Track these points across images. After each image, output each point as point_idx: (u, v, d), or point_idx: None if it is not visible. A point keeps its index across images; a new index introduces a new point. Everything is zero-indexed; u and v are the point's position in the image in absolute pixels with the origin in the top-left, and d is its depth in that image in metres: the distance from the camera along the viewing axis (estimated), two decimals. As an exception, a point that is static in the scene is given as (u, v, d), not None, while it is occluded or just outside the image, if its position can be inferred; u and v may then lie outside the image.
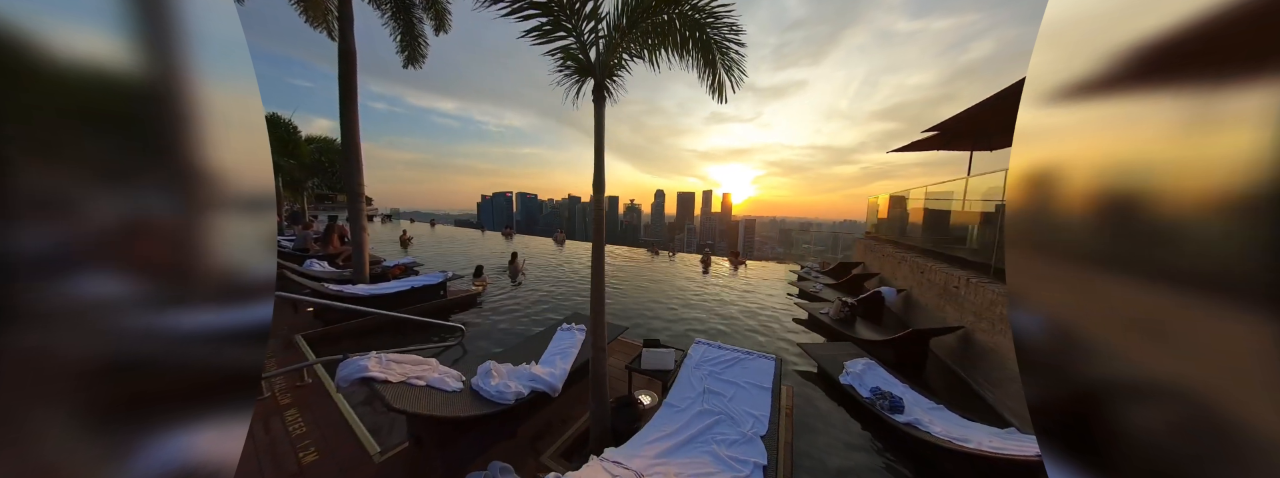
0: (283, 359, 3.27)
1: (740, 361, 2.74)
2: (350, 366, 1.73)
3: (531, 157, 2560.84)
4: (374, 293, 4.40)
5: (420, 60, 6.88)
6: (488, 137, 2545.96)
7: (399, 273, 6.00)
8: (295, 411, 2.44)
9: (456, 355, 3.81)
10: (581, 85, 2.21)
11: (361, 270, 5.27)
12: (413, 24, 6.35)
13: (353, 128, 5.46)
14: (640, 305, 6.22)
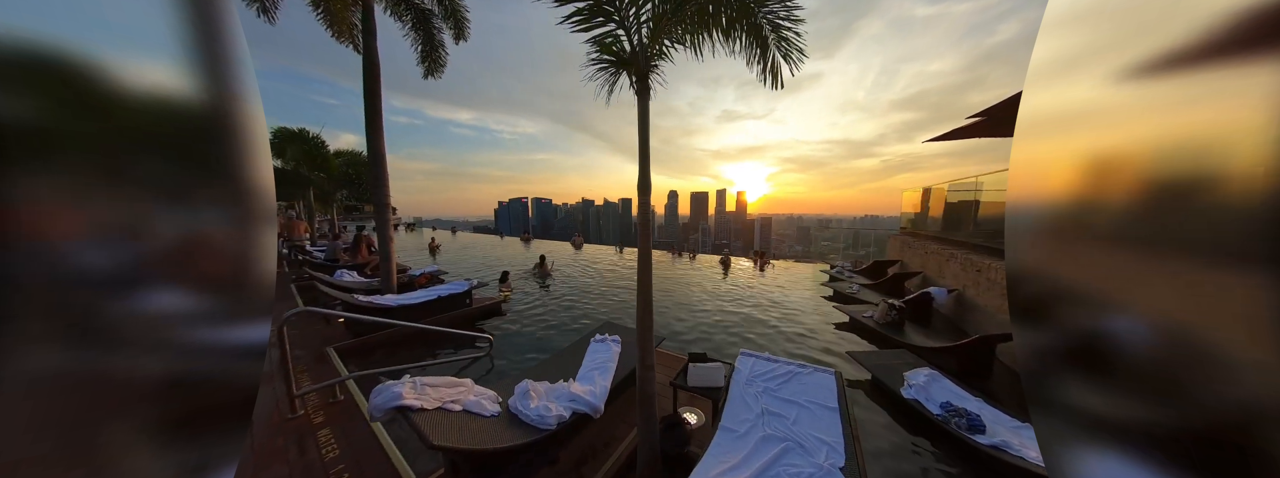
0: (315, 373, 3.24)
1: (795, 375, 2.48)
2: (384, 393, 1.61)
3: (545, 162, 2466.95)
4: (402, 303, 4.38)
5: (440, 70, 6.95)
6: (503, 145, 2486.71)
7: (424, 282, 6.02)
8: (328, 431, 2.36)
9: (486, 366, 3.71)
10: (616, 79, 2.05)
11: (389, 280, 5.30)
12: (432, 34, 6.44)
13: (378, 139, 5.53)
14: (667, 311, 6.00)
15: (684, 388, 2.36)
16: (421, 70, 6.89)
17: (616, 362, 2.64)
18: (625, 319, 5.31)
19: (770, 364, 2.60)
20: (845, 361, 3.90)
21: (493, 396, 2.01)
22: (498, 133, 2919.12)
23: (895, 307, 4.79)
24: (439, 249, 13.39)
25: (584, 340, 3.12)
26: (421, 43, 6.48)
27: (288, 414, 2.49)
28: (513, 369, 3.71)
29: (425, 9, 6.27)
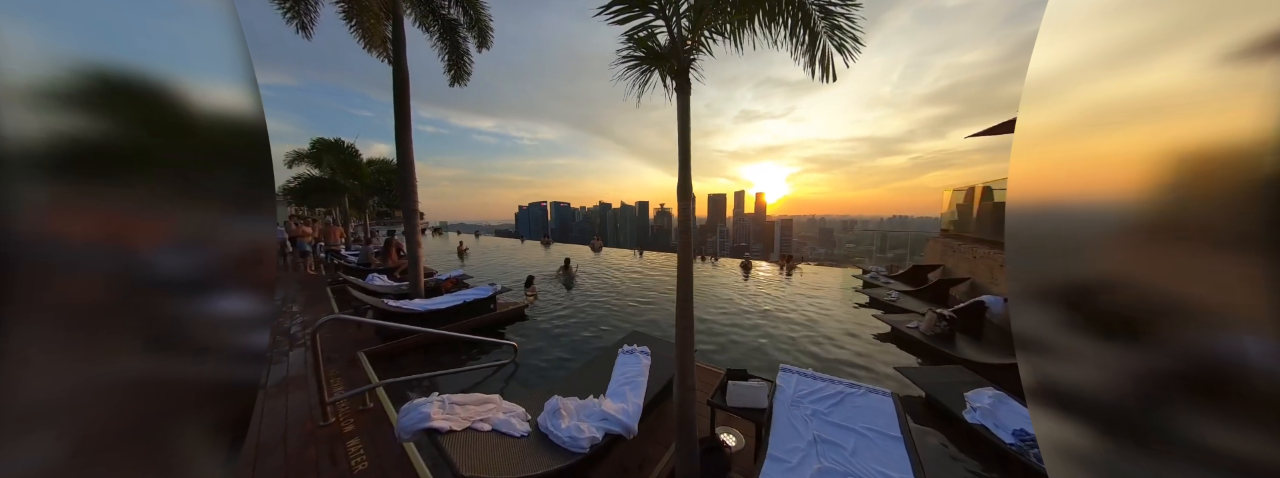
0: (347, 377, 3.27)
1: (846, 396, 2.25)
2: (412, 413, 1.54)
3: (563, 167, 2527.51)
4: (430, 308, 4.42)
5: (465, 78, 7.12)
6: (522, 150, 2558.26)
7: (450, 286, 6.10)
8: (358, 441, 2.34)
9: (510, 372, 3.66)
10: (648, 77, 1.92)
11: (417, 285, 5.40)
12: (458, 43, 6.60)
13: (407, 147, 5.68)
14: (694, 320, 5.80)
15: (722, 408, 2.18)
16: (448, 79, 7.07)
17: (647, 376, 2.49)
18: (651, 327, 5.16)
19: (816, 383, 2.37)
20: (892, 376, 3.59)
21: (522, 413, 1.91)
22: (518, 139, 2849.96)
23: (945, 317, 4.39)
24: (466, 253, 13.78)
25: (611, 352, 2.99)
26: (448, 52, 6.66)
27: (319, 422, 2.49)
28: (537, 378, 3.63)
29: (452, 19, 6.43)
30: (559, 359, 4.05)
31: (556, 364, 3.93)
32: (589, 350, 4.33)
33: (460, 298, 4.80)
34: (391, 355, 3.92)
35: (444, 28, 6.43)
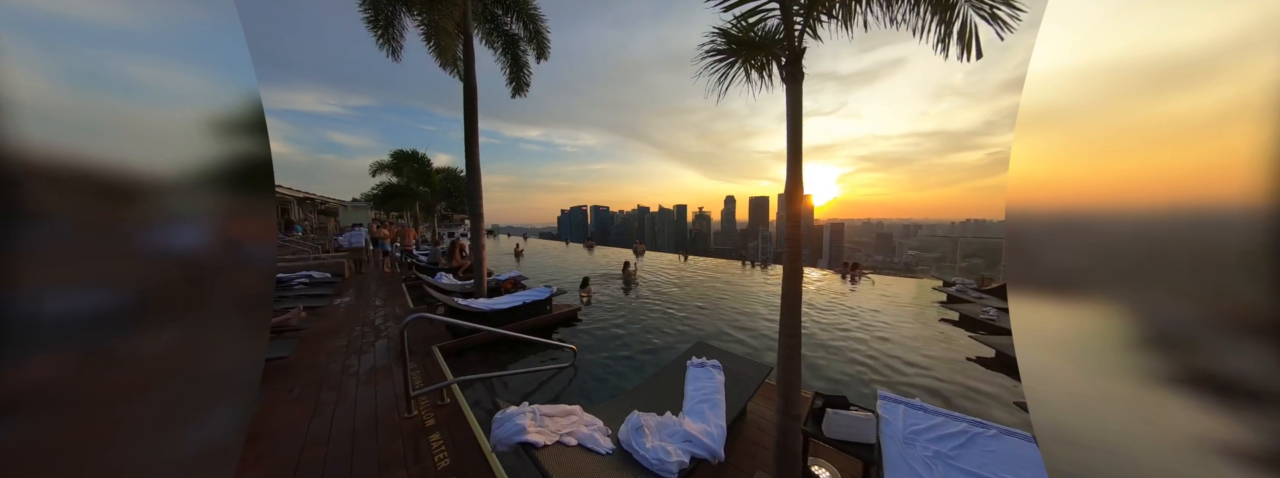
0: (424, 371, 3.47)
1: (973, 437, 1.86)
2: (508, 425, 1.52)
3: (603, 172, 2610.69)
4: (493, 308, 4.62)
5: (525, 89, 7.51)
6: (565, 157, 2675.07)
7: (510, 287, 6.38)
8: (438, 436, 2.42)
9: (570, 377, 3.66)
10: (733, 69, 1.76)
11: (480, 284, 5.71)
12: (519, 57, 6.99)
13: (474, 155, 6.08)
14: (754, 328, 5.44)
15: (819, 439, 1.92)
16: (510, 91, 7.51)
17: (722, 392, 2.29)
18: (715, 337, 4.90)
19: (931, 417, 2.00)
20: (1011, 411, 3.00)
21: (602, 427, 1.83)
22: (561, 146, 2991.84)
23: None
24: (522, 254, 14.63)
25: (679, 364, 2.83)
26: (510, 65, 7.08)
27: (404, 414, 2.64)
28: (596, 384, 3.59)
29: (513, 34, 6.83)
30: (617, 366, 3.99)
31: (614, 371, 3.87)
32: (645, 357, 4.22)
33: (520, 299, 4.96)
34: (459, 351, 4.14)
35: (506, 42, 6.85)
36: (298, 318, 4.46)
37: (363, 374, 3.33)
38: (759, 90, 1.68)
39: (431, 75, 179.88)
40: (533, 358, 4.16)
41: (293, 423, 2.55)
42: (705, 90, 1.72)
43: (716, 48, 1.64)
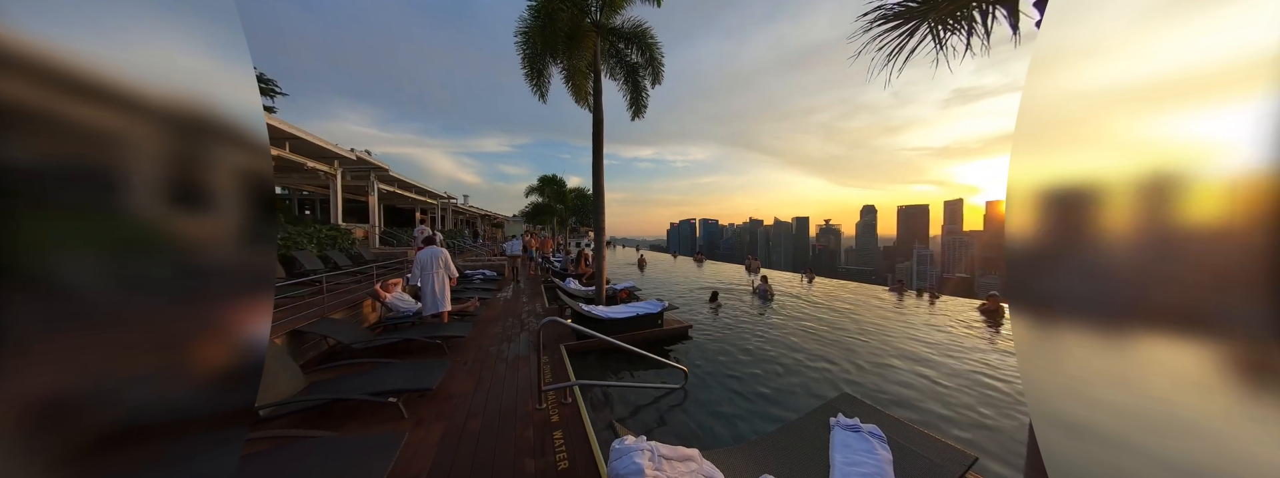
0: (553, 366, 3.90)
1: None
2: (625, 461, 1.49)
3: (712, 184, 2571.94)
4: (609, 316, 4.93)
5: (643, 112, 8.10)
6: (675, 172, 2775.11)
7: (625, 297, 6.76)
8: (560, 433, 2.62)
9: (679, 401, 3.48)
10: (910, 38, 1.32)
11: (600, 292, 6.25)
12: (638, 82, 7.60)
13: (600, 177, 6.84)
14: (940, 393, 4.11)
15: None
16: (629, 115, 8.24)
17: (892, 476, 1.69)
18: (862, 389, 3.94)
19: None
20: None
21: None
22: (671, 162, 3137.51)
23: None
24: (645, 265, 15.79)
25: (818, 419, 2.27)
26: (630, 91, 7.77)
27: (536, 405, 2.98)
28: (709, 417, 3.29)
29: (633, 63, 7.50)
30: (730, 399, 3.60)
31: (729, 403, 3.50)
32: (765, 396, 3.68)
33: (634, 310, 5.15)
34: (580, 353, 4.52)
35: (628, 72, 7.56)
36: (474, 306, 5.78)
37: (509, 361, 3.99)
38: (961, 58, 1.21)
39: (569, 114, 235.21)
40: (645, 371, 4.19)
41: (464, 392, 3.22)
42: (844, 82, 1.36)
43: (888, 14, 1.26)
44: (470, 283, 8.54)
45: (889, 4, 1.29)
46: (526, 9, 6.57)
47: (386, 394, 2.72)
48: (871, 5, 1.32)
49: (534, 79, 7.35)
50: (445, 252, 4.59)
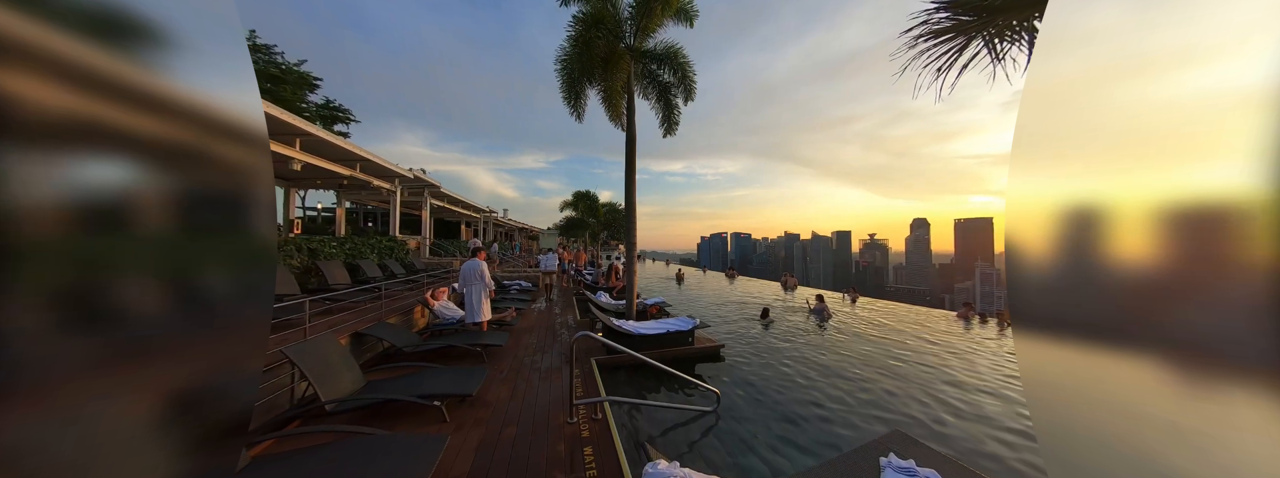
0: (584, 379, 3.93)
1: None
2: None
3: (744, 197, 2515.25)
4: (640, 332, 4.91)
5: (675, 129, 8.26)
6: (705, 185, 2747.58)
7: (655, 312, 6.72)
8: (591, 449, 2.62)
9: (710, 426, 3.35)
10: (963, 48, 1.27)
11: (631, 306, 6.27)
12: (670, 101, 7.81)
13: (632, 192, 7.00)
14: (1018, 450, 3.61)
15: None
16: (661, 132, 8.44)
17: None
18: (917, 426, 3.52)
19: None
20: None
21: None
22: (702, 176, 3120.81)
23: None
24: (683, 279, 15.83)
25: (865, 458, 2.09)
26: (662, 109, 7.98)
27: (567, 419, 3.01)
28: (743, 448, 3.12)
29: (666, 83, 7.74)
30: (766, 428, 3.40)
31: (765, 431, 3.30)
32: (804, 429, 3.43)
33: (664, 326, 5.10)
34: (611, 368, 4.53)
35: (660, 91, 7.81)
36: (511, 316, 6.04)
37: (543, 371, 4.09)
38: (1023, 68, 1.16)
39: (600, 130, 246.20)
40: (675, 390, 4.09)
41: (500, 400, 3.34)
42: (886, 88, 1.32)
43: (937, 27, 1.23)
44: (507, 293, 8.93)
45: (935, 18, 1.26)
46: (565, 39, 7.10)
47: (432, 397, 2.90)
48: (916, 20, 1.30)
49: (572, 102, 7.81)
50: (484, 263, 4.88)
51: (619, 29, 7.06)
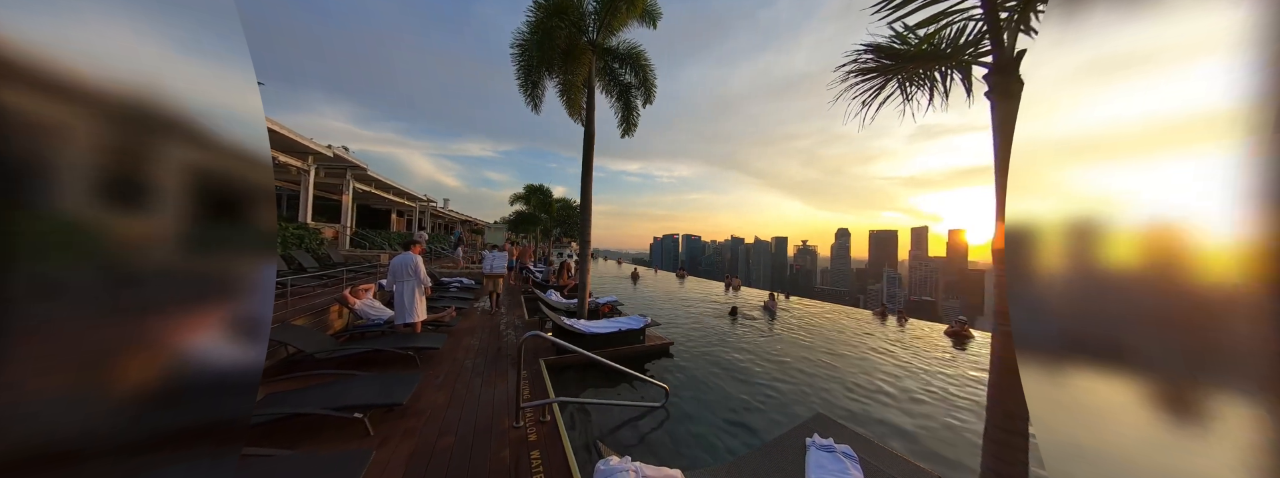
0: (532, 381, 3.78)
1: None
2: None
3: (696, 201, 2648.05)
4: (591, 331, 4.86)
5: (634, 130, 8.32)
6: (661, 187, 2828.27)
7: (608, 311, 6.69)
8: (538, 452, 2.53)
9: (660, 420, 3.45)
10: (884, 91, 1.49)
11: (583, 305, 6.17)
12: (630, 101, 7.86)
13: (588, 189, 6.89)
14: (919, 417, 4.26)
15: None
16: (619, 132, 8.44)
17: None
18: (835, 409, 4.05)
19: None
20: None
21: (703, 497, 1.60)
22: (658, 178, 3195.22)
23: None
24: (639, 278, 15.99)
25: (794, 439, 2.34)
26: (621, 109, 8.00)
27: (513, 423, 2.87)
28: (692, 440, 3.28)
29: (627, 82, 7.77)
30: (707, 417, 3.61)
31: (707, 421, 3.50)
32: (740, 414, 3.71)
33: (616, 325, 5.11)
34: (560, 368, 4.41)
35: (621, 91, 7.81)
36: (449, 317, 5.56)
37: (486, 375, 3.84)
38: (925, 110, 1.38)
39: (558, 124, 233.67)
40: (626, 388, 4.13)
41: (435, 407, 3.06)
42: (823, 112, 1.51)
43: (863, 67, 1.43)
44: (447, 291, 8.21)
45: (863, 60, 1.47)
46: (524, 23, 6.74)
47: (351, 409, 2.56)
48: (848, 57, 1.50)
49: (528, 91, 7.45)
50: (419, 258, 4.42)
51: (582, 22, 6.90)
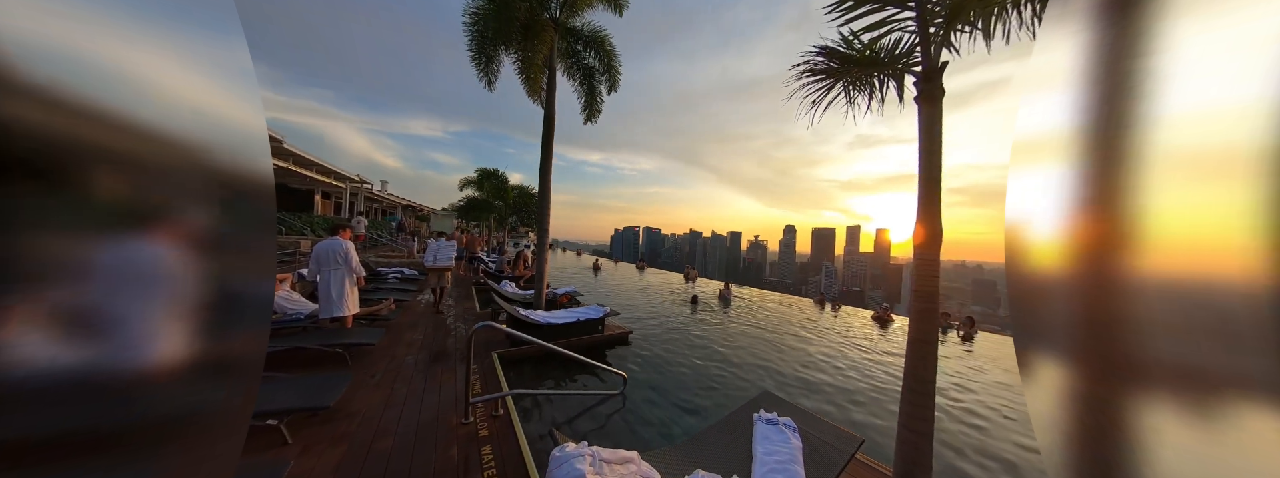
0: (483, 375, 3.60)
1: None
2: (567, 468, 1.46)
3: (658, 195, 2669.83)
4: (548, 321, 4.74)
5: (597, 117, 8.09)
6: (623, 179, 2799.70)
7: (566, 302, 6.56)
8: (490, 447, 2.43)
9: (618, 406, 3.50)
10: (829, 91, 1.60)
11: (540, 296, 5.97)
12: (594, 87, 7.61)
13: (547, 176, 6.61)
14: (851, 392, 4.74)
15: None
16: (582, 118, 8.16)
17: (802, 462, 1.94)
18: (778, 385, 4.41)
19: None
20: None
21: None
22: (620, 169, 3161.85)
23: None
24: (600, 269, 15.68)
25: (744, 415, 2.51)
26: (585, 95, 7.72)
27: (462, 419, 2.72)
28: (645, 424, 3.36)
29: (591, 67, 7.50)
30: (665, 399, 3.74)
31: (661, 405, 3.63)
32: (695, 394, 3.90)
33: (574, 315, 5.04)
34: (515, 361, 4.26)
35: (584, 75, 7.53)
36: (387, 309, 5.06)
37: (430, 371, 3.58)
38: (864, 113, 1.50)
39: (517, 106, 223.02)
40: (584, 376, 4.11)
41: (370, 408, 2.79)
42: (777, 115, 1.61)
43: (815, 68, 1.51)
44: (385, 282, 7.46)
45: (815, 61, 1.55)
46: (480, -11, 6.16)
47: (263, 416, 2.23)
48: (803, 58, 1.58)
49: (482, 65, 6.87)
50: (349, 243, 3.92)
51: (544, -4, 6.48)
